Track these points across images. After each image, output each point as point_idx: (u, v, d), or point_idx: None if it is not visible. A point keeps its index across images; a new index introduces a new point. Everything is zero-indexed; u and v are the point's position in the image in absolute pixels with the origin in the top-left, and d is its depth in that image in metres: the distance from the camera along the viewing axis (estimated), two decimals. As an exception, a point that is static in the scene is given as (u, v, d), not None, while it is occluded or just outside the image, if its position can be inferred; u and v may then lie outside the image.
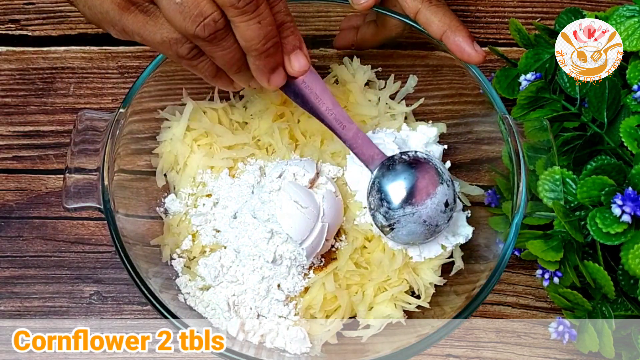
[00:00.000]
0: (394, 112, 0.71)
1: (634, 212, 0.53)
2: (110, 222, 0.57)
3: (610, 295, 0.58)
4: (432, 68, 0.70)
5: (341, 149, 0.67)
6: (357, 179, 0.65)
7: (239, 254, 0.63)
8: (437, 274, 0.65)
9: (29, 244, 0.71)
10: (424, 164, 0.62)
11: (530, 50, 0.69)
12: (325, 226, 0.61)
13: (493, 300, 0.71)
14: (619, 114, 0.62)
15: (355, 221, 0.65)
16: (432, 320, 0.63)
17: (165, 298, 0.58)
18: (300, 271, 0.62)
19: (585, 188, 0.56)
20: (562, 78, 0.65)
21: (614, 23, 0.62)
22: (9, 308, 0.69)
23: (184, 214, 0.67)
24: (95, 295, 0.70)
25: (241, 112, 0.71)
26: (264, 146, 0.69)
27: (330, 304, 0.63)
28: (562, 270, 0.62)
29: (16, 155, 0.75)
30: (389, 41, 0.69)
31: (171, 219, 0.66)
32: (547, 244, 0.61)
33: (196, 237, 0.66)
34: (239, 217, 0.63)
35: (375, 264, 0.64)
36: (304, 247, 0.61)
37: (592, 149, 0.62)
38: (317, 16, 0.70)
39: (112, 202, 0.58)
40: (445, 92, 0.71)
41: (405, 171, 0.61)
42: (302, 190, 0.62)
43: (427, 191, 0.61)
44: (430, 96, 0.72)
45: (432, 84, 0.72)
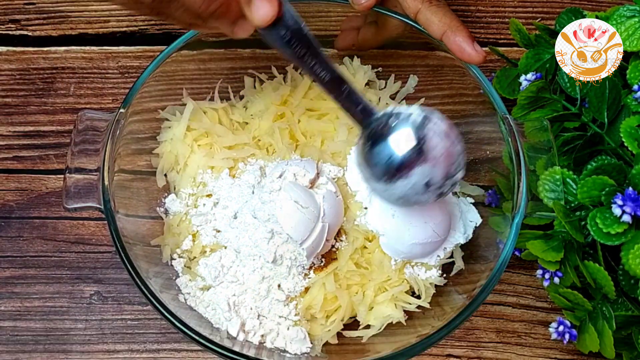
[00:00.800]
0: None
1: (634, 212, 0.53)
2: (110, 222, 0.57)
3: (610, 295, 0.58)
4: (432, 68, 0.70)
5: (342, 149, 0.67)
6: (358, 179, 0.65)
7: (239, 254, 0.63)
8: (438, 274, 0.65)
9: (29, 244, 0.71)
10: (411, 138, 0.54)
11: (530, 51, 0.69)
12: (326, 226, 0.61)
13: (493, 300, 0.71)
14: (619, 114, 0.62)
15: (356, 221, 0.65)
16: (433, 321, 0.62)
17: (165, 298, 0.58)
18: (301, 271, 0.62)
19: (586, 188, 0.56)
20: (562, 78, 0.65)
21: (615, 23, 0.62)
22: (9, 308, 0.69)
23: (185, 214, 0.66)
24: (95, 296, 0.70)
25: (241, 112, 0.71)
26: (264, 146, 0.69)
27: (330, 304, 0.63)
28: (562, 271, 0.62)
29: (16, 155, 0.75)
30: (390, 41, 0.69)
31: (171, 219, 0.66)
32: (548, 244, 0.61)
33: (196, 237, 0.66)
34: (239, 217, 0.63)
35: (376, 264, 0.64)
36: (304, 247, 0.60)
37: (592, 149, 0.62)
38: (317, 16, 0.70)
39: (113, 202, 0.58)
40: (446, 92, 0.71)
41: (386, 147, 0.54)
42: (303, 190, 0.62)
43: (404, 169, 0.54)
44: (430, 96, 0.72)
45: (432, 84, 0.72)
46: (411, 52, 0.71)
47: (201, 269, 0.64)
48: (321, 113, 0.70)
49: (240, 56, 0.72)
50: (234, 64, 0.72)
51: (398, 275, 0.64)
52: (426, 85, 0.72)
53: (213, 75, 0.71)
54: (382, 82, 0.73)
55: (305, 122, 0.69)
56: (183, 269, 0.65)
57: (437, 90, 0.72)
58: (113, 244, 0.57)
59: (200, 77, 0.70)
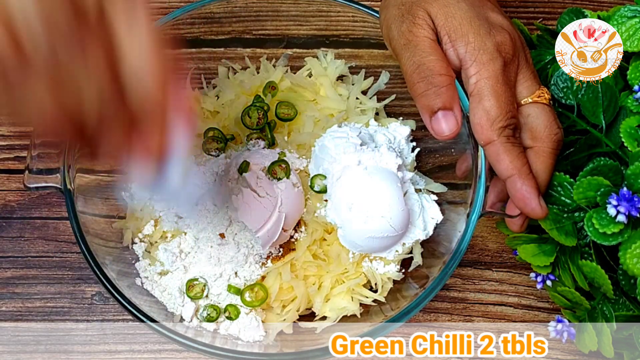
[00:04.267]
0: (364, 107, 0.71)
1: (628, 211, 0.53)
2: (68, 203, 0.58)
3: (609, 294, 0.58)
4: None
5: (306, 140, 0.68)
6: (321, 171, 0.66)
7: (198, 241, 0.64)
8: (396, 269, 0.65)
9: (30, 245, 0.72)
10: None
11: (532, 52, 0.69)
12: (282, 216, 0.62)
13: (495, 300, 0.71)
14: (617, 116, 0.62)
15: (316, 213, 0.65)
16: (388, 312, 0.63)
17: (123, 282, 0.59)
18: (258, 260, 0.63)
19: (581, 189, 0.56)
20: (557, 84, 0.64)
21: (616, 23, 0.61)
22: (10, 309, 0.69)
23: (149, 199, 0.66)
24: (97, 296, 0.70)
25: (212, 101, 0.71)
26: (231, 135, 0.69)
27: (286, 294, 0.64)
28: (556, 273, 0.62)
29: (18, 155, 0.75)
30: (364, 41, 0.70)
31: (135, 204, 0.67)
32: (540, 247, 0.62)
33: (158, 223, 0.66)
34: (200, 204, 0.64)
35: (333, 257, 0.64)
36: (259, 236, 0.61)
37: (590, 152, 0.62)
38: (317, 16, 0.70)
39: (72, 183, 0.59)
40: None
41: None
42: (262, 180, 0.63)
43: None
44: (402, 92, 0.72)
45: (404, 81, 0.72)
46: (385, 51, 0.70)
47: (160, 254, 0.64)
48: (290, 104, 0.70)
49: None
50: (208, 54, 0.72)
51: (355, 268, 0.64)
52: (398, 82, 0.72)
53: (186, 62, 0.71)
54: (355, 77, 0.73)
55: (273, 112, 0.69)
56: (143, 253, 0.66)
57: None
58: (71, 225, 0.58)
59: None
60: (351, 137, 0.64)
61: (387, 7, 0.61)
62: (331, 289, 0.64)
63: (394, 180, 0.63)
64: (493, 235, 0.73)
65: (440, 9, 0.58)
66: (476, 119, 0.57)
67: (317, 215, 0.65)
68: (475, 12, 0.58)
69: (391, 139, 0.68)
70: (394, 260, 0.65)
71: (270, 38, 0.73)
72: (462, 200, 0.63)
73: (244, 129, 0.68)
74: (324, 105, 0.70)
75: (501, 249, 0.72)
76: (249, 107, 0.68)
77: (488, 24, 0.58)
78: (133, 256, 0.66)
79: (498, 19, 0.60)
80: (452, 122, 0.57)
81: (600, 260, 0.59)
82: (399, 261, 0.66)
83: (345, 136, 0.65)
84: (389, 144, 0.67)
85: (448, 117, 0.57)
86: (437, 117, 0.57)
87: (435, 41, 0.58)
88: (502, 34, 0.58)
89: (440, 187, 0.69)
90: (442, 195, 0.68)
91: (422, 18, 0.58)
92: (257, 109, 0.68)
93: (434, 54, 0.57)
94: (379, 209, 0.61)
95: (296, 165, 0.67)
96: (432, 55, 0.57)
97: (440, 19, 0.58)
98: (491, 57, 0.57)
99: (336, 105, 0.70)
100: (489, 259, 0.72)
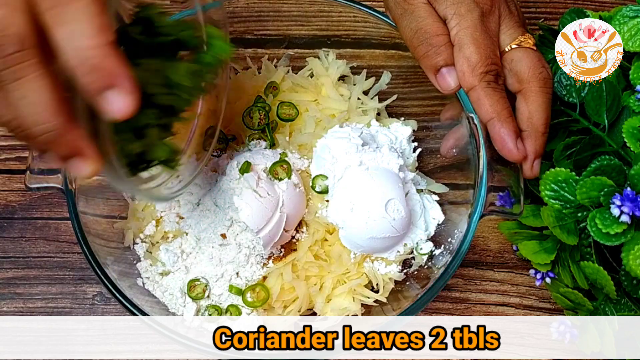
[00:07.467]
0: (365, 108, 0.71)
1: (632, 212, 0.53)
2: (69, 203, 0.58)
3: (611, 294, 0.58)
4: (409, 68, 0.70)
5: (308, 141, 0.68)
6: (322, 171, 0.66)
7: (200, 241, 0.63)
8: (398, 270, 0.65)
9: (31, 245, 0.72)
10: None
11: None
12: (284, 216, 0.62)
13: (496, 301, 0.71)
14: (620, 115, 0.62)
15: (318, 214, 0.65)
16: (389, 312, 0.63)
17: (124, 283, 0.59)
18: (259, 260, 0.63)
19: (585, 189, 0.56)
20: (560, 82, 0.64)
21: (617, 23, 0.61)
22: (11, 309, 0.69)
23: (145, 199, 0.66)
24: (98, 296, 0.70)
25: (214, 101, 0.71)
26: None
27: (288, 295, 0.64)
28: (555, 272, 0.62)
29: (19, 155, 0.75)
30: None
31: (137, 204, 0.67)
32: (542, 245, 0.61)
33: (160, 223, 0.66)
34: (201, 204, 0.64)
35: (335, 257, 0.64)
36: (261, 236, 0.61)
37: (593, 152, 0.62)
38: (319, 16, 0.70)
39: (74, 183, 0.59)
40: (420, 89, 0.71)
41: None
42: (264, 180, 0.62)
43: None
44: (404, 92, 0.72)
45: (408, 82, 0.72)
46: (386, 51, 0.70)
47: (162, 254, 0.65)
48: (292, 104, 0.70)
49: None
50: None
51: (357, 268, 0.64)
52: (399, 82, 0.72)
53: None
54: (357, 78, 0.73)
55: (274, 113, 0.69)
56: (145, 253, 0.66)
57: (410, 87, 0.72)
58: (72, 226, 0.58)
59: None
60: (353, 137, 0.65)
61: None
62: (332, 290, 0.64)
63: (396, 180, 0.63)
64: (495, 235, 0.73)
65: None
66: (458, 66, 0.60)
67: (318, 216, 0.65)
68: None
69: (393, 140, 0.68)
70: (395, 260, 0.65)
71: (272, 38, 0.73)
72: (464, 201, 0.64)
73: (245, 129, 0.68)
74: (326, 105, 0.70)
75: (503, 250, 0.72)
76: (250, 108, 0.68)
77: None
78: (134, 256, 0.66)
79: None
80: (457, 76, 0.60)
81: (601, 260, 0.59)
82: (401, 261, 0.66)
83: (347, 136, 0.65)
84: (390, 144, 0.67)
85: (452, 72, 0.60)
86: (442, 74, 0.60)
87: (429, 4, 0.61)
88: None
89: (442, 187, 0.69)
90: (443, 195, 0.68)
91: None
92: (258, 109, 0.68)
93: (429, 17, 0.61)
94: (380, 210, 0.61)
95: (298, 166, 0.67)
96: (428, 18, 0.61)
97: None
98: (469, 8, 0.60)
99: (338, 106, 0.70)
100: (490, 260, 0.72)
